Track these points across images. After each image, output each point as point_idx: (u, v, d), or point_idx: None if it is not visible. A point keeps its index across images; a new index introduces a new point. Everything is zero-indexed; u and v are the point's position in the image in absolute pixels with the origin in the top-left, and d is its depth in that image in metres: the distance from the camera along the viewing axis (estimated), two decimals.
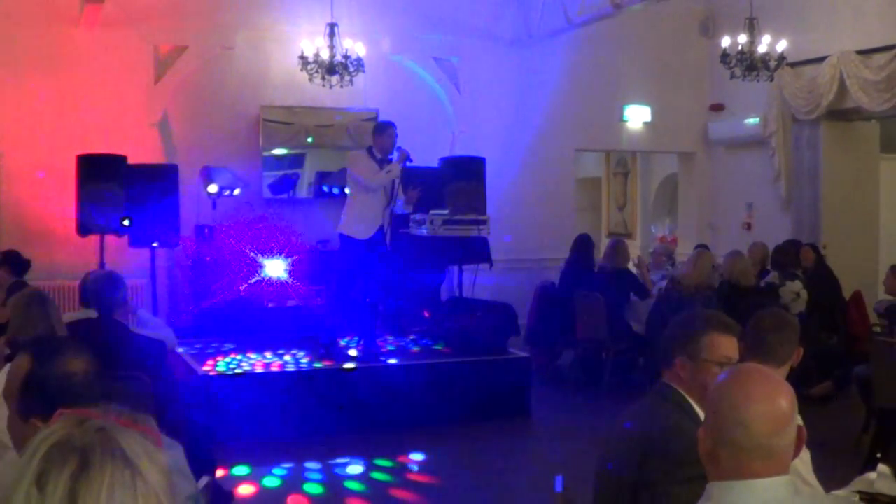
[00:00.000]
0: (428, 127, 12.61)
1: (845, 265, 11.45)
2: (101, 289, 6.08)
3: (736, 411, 2.22)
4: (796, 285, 10.12)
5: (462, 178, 11.90)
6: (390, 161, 9.36)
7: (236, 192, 11.40)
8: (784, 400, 2.25)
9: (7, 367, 3.03)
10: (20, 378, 2.69)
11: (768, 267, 11.17)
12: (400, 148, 9.51)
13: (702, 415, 3.26)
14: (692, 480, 3.03)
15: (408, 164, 9.47)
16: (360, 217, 9.34)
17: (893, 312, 8.61)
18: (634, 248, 13.59)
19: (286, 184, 12.26)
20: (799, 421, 2.29)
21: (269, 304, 11.13)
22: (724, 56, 10.70)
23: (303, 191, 12.30)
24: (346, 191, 9.93)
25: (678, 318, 3.57)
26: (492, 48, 12.94)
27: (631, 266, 11.28)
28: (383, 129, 9.55)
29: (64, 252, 10.78)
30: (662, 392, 3.39)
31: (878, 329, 9.73)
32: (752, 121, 13.21)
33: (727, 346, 3.33)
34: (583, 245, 11.69)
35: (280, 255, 11.44)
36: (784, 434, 2.22)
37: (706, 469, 2.31)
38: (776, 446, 2.21)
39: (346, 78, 10.71)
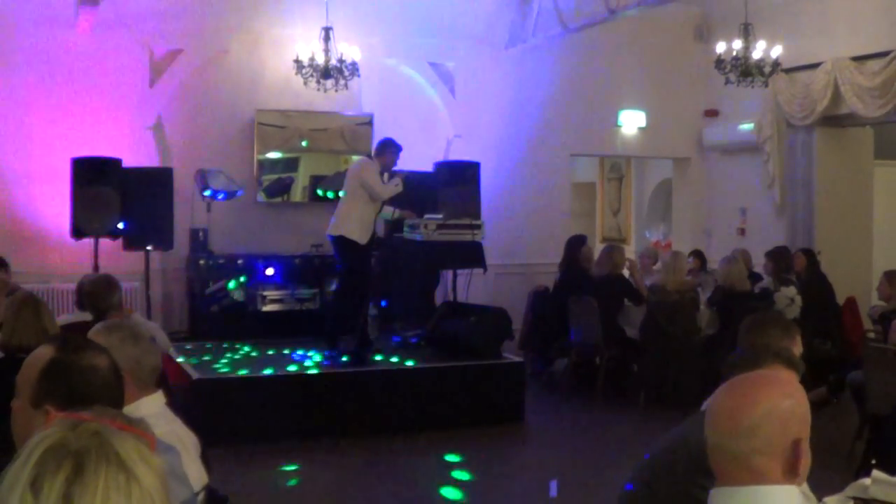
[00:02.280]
0: (423, 131, 12.61)
1: (839, 271, 11.47)
2: (96, 292, 6.08)
3: (738, 414, 2.21)
4: (790, 291, 10.15)
5: (457, 182, 11.92)
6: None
7: (231, 195, 11.39)
8: (787, 404, 2.22)
9: None
10: (39, 366, 2.67)
11: (754, 270, 11.22)
12: (396, 171, 10.05)
13: None
14: None
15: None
16: (362, 223, 9.75)
17: (887, 318, 8.62)
18: (629, 254, 13.58)
19: (280, 187, 12.24)
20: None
21: (264, 308, 11.12)
22: (719, 62, 10.72)
23: (297, 195, 12.29)
24: (342, 194, 9.98)
25: (746, 346, 3.56)
26: (487, 53, 12.94)
27: (625, 272, 11.30)
28: (397, 150, 10.01)
29: (58, 255, 10.76)
30: None
31: (871, 335, 9.74)
32: (746, 126, 13.22)
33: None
34: (569, 247, 11.74)
35: (273, 257, 11.45)
36: (785, 439, 2.20)
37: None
38: (775, 452, 2.19)
39: (341, 82, 10.71)
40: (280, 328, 10.92)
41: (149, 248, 10.83)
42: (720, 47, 10.79)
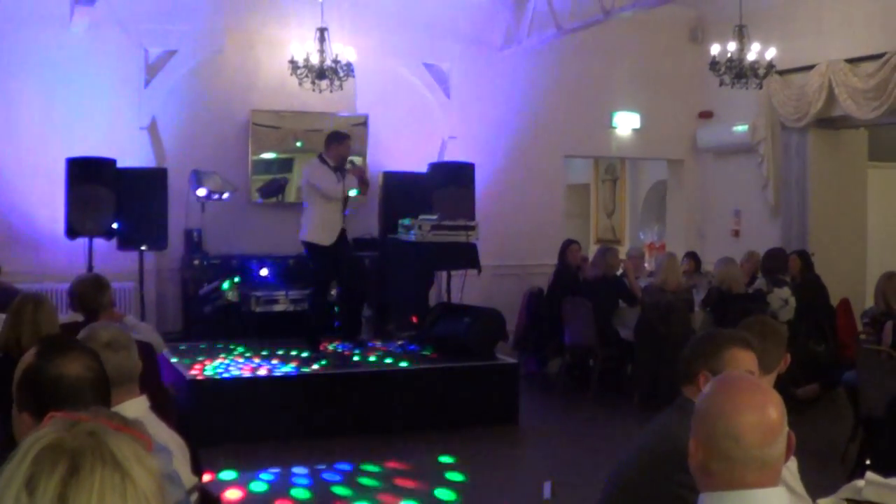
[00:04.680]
0: (417, 132, 12.62)
1: (833, 273, 11.48)
2: (86, 292, 6.07)
3: (726, 423, 2.22)
4: (784, 292, 10.15)
5: (451, 183, 11.92)
6: (342, 171, 10.00)
7: (225, 195, 11.38)
8: (774, 409, 2.25)
9: None
10: (21, 370, 2.70)
11: (757, 274, 11.23)
12: (353, 162, 10.32)
13: None
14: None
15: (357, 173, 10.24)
16: (323, 224, 9.97)
17: (879, 321, 8.63)
18: (623, 255, 13.59)
19: (275, 188, 12.24)
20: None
21: (257, 309, 11.11)
22: (714, 63, 10.74)
23: (291, 195, 12.28)
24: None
25: (700, 334, 3.62)
26: (482, 54, 12.94)
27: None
28: (341, 139, 10.14)
29: (52, 255, 10.75)
30: (684, 406, 3.36)
31: (864, 336, 9.74)
32: (740, 128, 13.23)
33: (748, 361, 3.39)
34: (560, 249, 11.79)
35: (268, 258, 11.45)
36: (776, 444, 2.22)
37: (697, 480, 2.31)
38: (768, 456, 2.21)
39: (336, 83, 10.71)
40: (274, 329, 10.91)
41: (143, 248, 10.82)
42: (714, 49, 10.80)
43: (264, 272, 11.35)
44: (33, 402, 2.64)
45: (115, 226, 10.44)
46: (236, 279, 11.15)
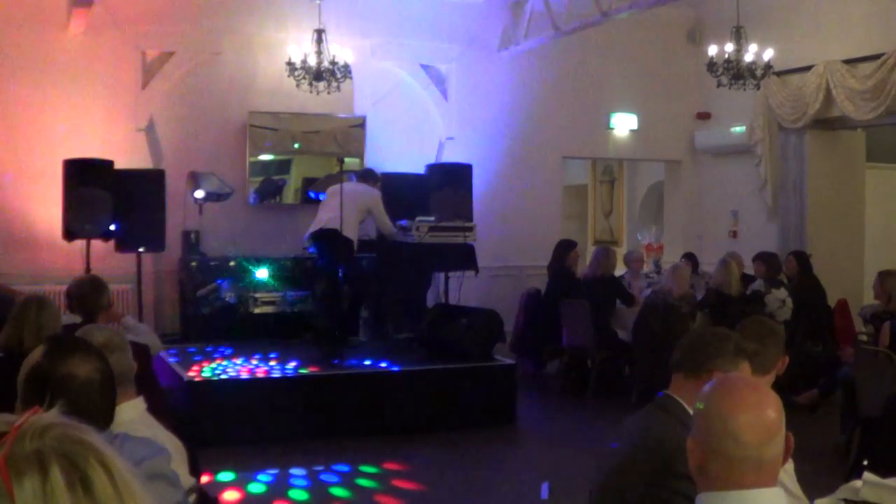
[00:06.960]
0: (415, 133, 12.62)
1: (831, 273, 11.47)
2: (84, 294, 6.06)
3: (725, 422, 2.22)
4: (781, 293, 10.16)
5: (449, 184, 11.92)
6: None
7: (222, 197, 11.37)
8: (772, 409, 2.25)
9: None
10: (27, 368, 2.69)
11: (748, 272, 11.24)
12: None
13: None
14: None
15: None
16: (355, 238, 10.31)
17: (879, 319, 8.63)
18: (621, 256, 13.57)
19: (272, 189, 12.23)
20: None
21: (255, 310, 11.10)
22: (711, 64, 10.74)
23: (289, 197, 12.28)
24: (330, 202, 10.10)
25: (693, 333, 3.59)
26: (479, 55, 12.94)
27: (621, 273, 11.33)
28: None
29: (50, 257, 10.73)
30: (666, 406, 3.35)
31: (864, 338, 9.75)
32: (738, 129, 13.23)
33: (739, 367, 3.37)
34: (557, 250, 11.74)
35: (265, 260, 11.44)
36: (773, 444, 2.22)
37: (696, 481, 2.31)
38: (766, 456, 2.21)
39: (334, 84, 10.71)
40: (272, 330, 10.91)
41: (141, 250, 10.81)
42: (712, 50, 10.81)
43: (262, 274, 11.34)
44: (40, 400, 2.62)
45: (112, 227, 10.42)
46: (234, 281, 11.17)
